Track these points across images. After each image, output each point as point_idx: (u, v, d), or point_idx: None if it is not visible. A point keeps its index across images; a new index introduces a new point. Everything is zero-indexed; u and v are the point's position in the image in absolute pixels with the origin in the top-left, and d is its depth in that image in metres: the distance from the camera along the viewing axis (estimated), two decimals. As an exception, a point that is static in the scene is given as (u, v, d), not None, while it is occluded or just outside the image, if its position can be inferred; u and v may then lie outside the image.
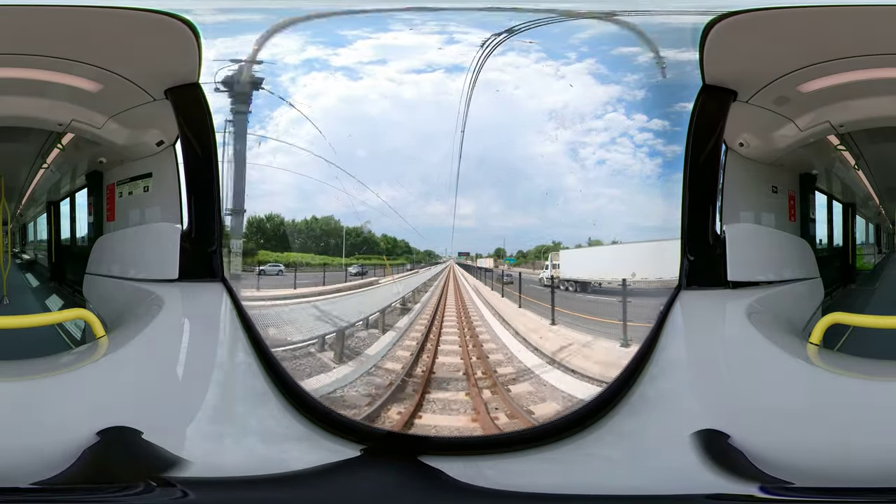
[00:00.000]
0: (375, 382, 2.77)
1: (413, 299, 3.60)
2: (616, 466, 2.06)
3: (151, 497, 1.81)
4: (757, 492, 1.85)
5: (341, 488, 1.93)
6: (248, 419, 2.23)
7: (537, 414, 2.41)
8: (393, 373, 2.85)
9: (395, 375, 2.82)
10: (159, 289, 2.86)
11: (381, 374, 2.83)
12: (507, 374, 2.64)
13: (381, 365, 2.87)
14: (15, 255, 3.64)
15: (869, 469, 1.95)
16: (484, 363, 2.78)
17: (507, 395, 2.49)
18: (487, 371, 2.66)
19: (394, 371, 2.86)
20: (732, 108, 2.91)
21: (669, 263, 2.45)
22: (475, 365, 2.80)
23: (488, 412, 2.49)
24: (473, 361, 2.86)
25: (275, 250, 3.37)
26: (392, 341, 3.10)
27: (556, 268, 2.75)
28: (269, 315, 3.08)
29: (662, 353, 2.39)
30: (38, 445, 1.99)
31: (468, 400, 2.57)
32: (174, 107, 2.95)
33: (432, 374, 2.86)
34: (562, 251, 2.80)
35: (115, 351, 2.44)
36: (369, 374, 2.80)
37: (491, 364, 2.71)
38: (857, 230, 3.70)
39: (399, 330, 3.26)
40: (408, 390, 2.68)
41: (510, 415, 2.45)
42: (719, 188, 2.96)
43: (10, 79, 2.88)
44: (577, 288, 2.65)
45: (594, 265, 2.64)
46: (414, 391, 2.66)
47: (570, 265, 2.71)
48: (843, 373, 2.44)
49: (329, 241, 3.50)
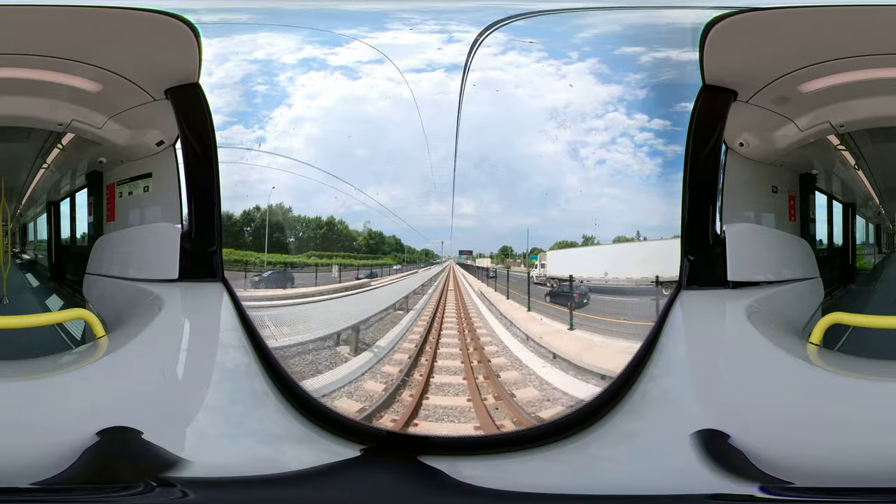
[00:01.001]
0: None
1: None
2: (618, 466, 2.05)
3: (151, 497, 1.82)
4: (757, 492, 1.85)
5: (342, 488, 1.93)
6: (248, 419, 2.22)
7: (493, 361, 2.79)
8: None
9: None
10: (159, 289, 2.86)
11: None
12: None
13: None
14: (15, 255, 3.63)
15: (869, 469, 1.95)
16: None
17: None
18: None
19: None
20: (732, 107, 2.91)
21: (638, 264, 2.74)
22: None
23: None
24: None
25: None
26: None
27: (543, 267, 3.00)
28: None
29: (663, 353, 2.39)
30: (38, 445, 1.99)
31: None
32: (174, 107, 2.95)
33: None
34: (548, 252, 3.01)
35: (115, 351, 2.44)
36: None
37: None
38: (857, 230, 3.69)
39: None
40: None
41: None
42: (719, 188, 2.96)
43: (11, 79, 2.88)
44: (555, 284, 2.94)
45: (574, 265, 2.88)
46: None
47: (554, 265, 2.97)
48: (843, 373, 2.44)
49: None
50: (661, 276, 2.72)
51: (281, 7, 3.01)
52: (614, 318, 2.70)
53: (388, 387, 2.67)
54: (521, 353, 2.85)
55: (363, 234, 3.38)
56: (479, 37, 2.83)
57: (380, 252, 3.45)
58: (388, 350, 2.96)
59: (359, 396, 2.62)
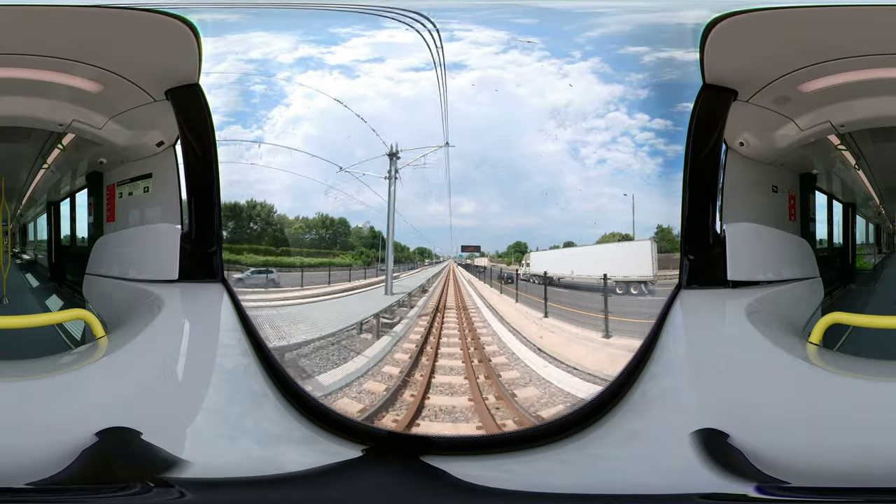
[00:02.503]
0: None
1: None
2: (620, 466, 2.05)
3: (149, 497, 1.81)
4: (752, 491, 1.85)
5: (343, 489, 1.93)
6: (248, 420, 2.22)
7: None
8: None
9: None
10: (159, 289, 2.86)
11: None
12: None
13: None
14: (15, 255, 3.63)
15: (867, 469, 1.95)
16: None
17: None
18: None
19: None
20: (733, 107, 2.91)
21: (601, 263, 3.04)
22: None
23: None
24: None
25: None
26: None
27: (528, 265, 3.29)
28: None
29: (663, 352, 2.39)
30: (36, 445, 1.98)
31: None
32: (174, 107, 2.95)
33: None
34: (532, 253, 3.26)
35: (114, 351, 2.44)
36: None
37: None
38: (857, 230, 3.69)
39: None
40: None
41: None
42: (719, 188, 2.96)
43: (11, 79, 2.88)
44: (540, 280, 3.24)
45: (551, 264, 3.19)
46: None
47: (537, 264, 3.26)
48: (843, 373, 2.44)
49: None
50: (612, 275, 3.02)
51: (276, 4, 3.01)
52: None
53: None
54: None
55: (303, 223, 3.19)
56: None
57: (340, 246, 3.31)
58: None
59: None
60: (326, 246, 3.30)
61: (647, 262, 2.98)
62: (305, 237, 3.23)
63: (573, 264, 3.11)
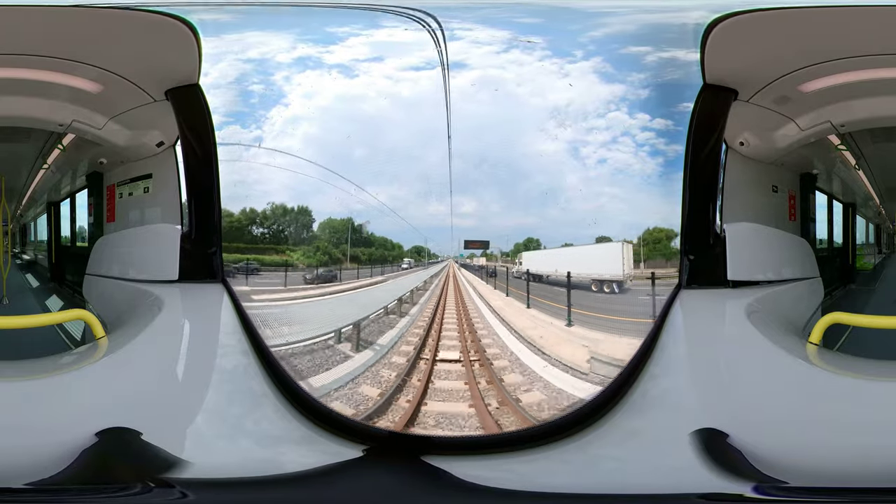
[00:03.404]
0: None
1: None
2: (620, 465, 2.05)
3: (149, 498, 1.81)
4: (749, 491, 1.85)
5: (344, 489, 1.93)
6: (248, 420, 2.22)
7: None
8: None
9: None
10: (159, 289, 2.86)
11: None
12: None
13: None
14: (15, 255, 3.63)
15: (866, 469, 1.95)
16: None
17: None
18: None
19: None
20: (733, 107, 2.91)
21: (580, 263, 3.25)
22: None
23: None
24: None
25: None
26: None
27: (521, 264, 3.52)
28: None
29: (663, 352, 2.39)
30: (35, 446, 1.98)
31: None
32: (174, 107, 2.95)
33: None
34: (524, 253, 3.45)
35: (114, 351, 2.44)
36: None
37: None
38: (857, 230, 3.70)
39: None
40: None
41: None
42: (719, 187, 2.96)
43: (11, 79, 2.88)
44: (531, 278, 3.49)
45: (540, 263, 3.41)
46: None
47: (529, 263, 3.46)
48: (843, 373, 2.44)
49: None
50: (590, 273, 3.27)
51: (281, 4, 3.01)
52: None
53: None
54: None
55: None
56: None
57: (293, 241, 3.25)
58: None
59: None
60: (273, 241, 3.24)
61: (619, 263, 3.17)
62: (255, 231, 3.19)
63: (557, 264, 3.32)
